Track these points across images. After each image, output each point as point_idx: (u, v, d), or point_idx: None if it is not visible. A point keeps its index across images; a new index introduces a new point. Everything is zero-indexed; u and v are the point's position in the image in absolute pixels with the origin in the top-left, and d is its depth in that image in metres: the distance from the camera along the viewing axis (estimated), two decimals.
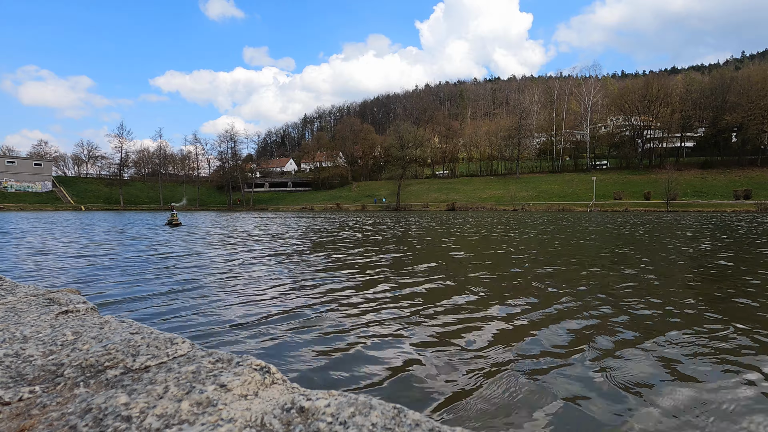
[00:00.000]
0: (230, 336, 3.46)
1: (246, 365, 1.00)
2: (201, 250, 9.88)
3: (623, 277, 6.05)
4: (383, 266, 7.23)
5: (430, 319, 3.94)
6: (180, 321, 3.91)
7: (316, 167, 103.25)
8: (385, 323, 3.84)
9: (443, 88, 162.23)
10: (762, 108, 58.12)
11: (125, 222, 26.03)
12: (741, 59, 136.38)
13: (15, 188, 76.25)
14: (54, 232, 16.61)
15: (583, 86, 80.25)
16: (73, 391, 0.93)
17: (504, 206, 59.90)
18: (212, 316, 4.01)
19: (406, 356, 3.00)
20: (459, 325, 3.80)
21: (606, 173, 70.26)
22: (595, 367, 2.75)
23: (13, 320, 1.46)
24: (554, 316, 3.99)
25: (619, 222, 23.98)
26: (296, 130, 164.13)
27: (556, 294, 4.86)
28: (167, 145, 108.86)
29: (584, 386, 2.49)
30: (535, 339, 3.34)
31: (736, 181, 56.03)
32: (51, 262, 7.71)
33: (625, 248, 10.07)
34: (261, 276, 6.38)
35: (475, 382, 2.56)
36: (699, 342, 3.22)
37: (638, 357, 2.94)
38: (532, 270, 6.84)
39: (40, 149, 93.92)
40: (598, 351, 3.06)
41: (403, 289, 5.32)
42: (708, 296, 4.82)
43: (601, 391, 2.43)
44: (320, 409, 0.78)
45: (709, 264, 7.36)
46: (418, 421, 0.73)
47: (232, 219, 32.94)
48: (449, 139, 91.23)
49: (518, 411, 2.23)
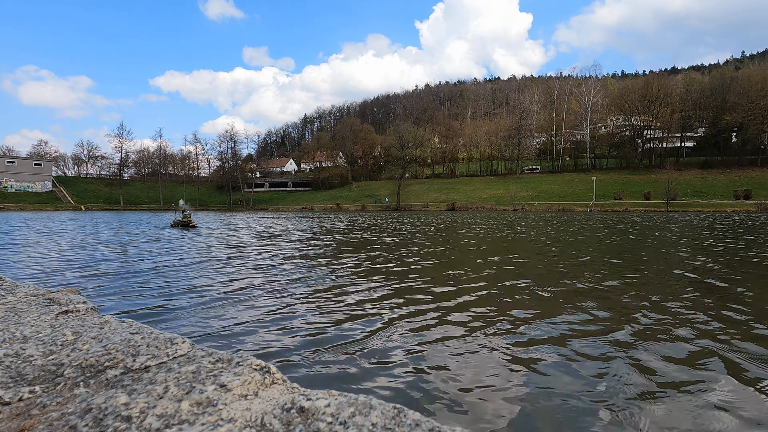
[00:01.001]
0: (251, 336, 3.44)
1: (246, 365, 1.00)
2: (226, 254, 9.86)
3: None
4: (421, 274, 7.01)
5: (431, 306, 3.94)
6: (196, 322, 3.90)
7: (316, 167, 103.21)
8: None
9: (443, 88, 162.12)
10: (762, 108, 58.08)
11: (132, 222, 25.97)
12: (741, 59, 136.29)
13: (15, 188, 76.22)
14: (65, 233, 16.57)
15: (583, 86, 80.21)
16: (73, 391, 0.93)
17: (504, 206, 59.91)
18: (225, 318, 3.99)
19: (416, 357, 3.00)
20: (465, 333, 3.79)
21: (606, 173, 70.23)
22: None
23: (13, 320, 1.46)
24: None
25: (657, 223, 23.95)
26: (296, 130, 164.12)
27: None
28: (167, 145, 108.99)
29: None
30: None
31: (736, 181, 55.99)
32: (79, 271, 6.88)
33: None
34: (282, 279, 6.38)
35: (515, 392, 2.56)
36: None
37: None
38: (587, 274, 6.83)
39: (40, 149, 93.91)
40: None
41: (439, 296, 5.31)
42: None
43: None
44: (320, 409, 0.78)
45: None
46: (418, 421, 0.73)
47: (238, 219, 32.90)
48: (449, 139, 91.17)
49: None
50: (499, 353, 3.02)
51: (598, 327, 3.62)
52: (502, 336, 3.41)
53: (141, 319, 3.54)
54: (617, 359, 2.89)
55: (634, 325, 3.67)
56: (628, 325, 3.64)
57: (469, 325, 3.71)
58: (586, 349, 3.08)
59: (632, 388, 2.46)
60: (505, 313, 4.07)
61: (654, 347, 3.11)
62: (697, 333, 3.43)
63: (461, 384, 2.53)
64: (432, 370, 2.72)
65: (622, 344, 3.19)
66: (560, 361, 2.87)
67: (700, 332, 3.44)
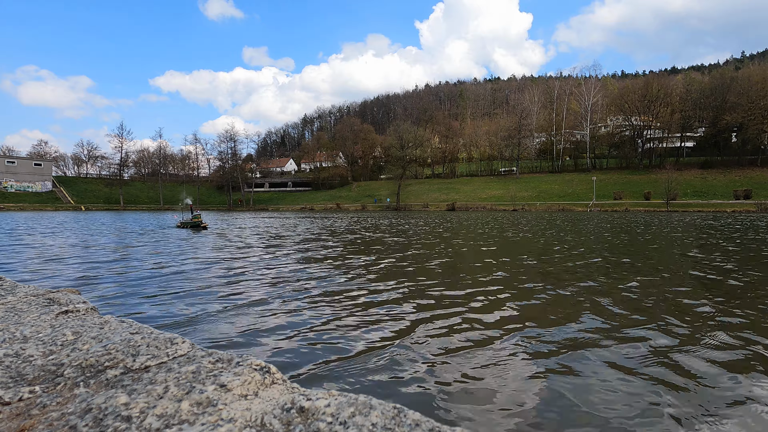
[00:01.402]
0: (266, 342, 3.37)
1: (246, 365, 1.00)
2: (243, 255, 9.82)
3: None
4: (436, 278, 6.81)
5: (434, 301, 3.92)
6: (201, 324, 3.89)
7: (316, 167, 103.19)
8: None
9: (443, 88, 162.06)
10: (762, 108, 58.07)
11: (137, 221, 25.92)
12: (741, 59, 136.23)
13: (15, 188, 76.21)
14: (70, 233, 16.54)
15: (583, 86, 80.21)
16: (73, 391, 0.93)
17: (504, 206, 59.92)
18: (230, 322, 3.93)
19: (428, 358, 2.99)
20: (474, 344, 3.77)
21: (606, 173, 70.22)
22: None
23: (13, 320, 1.46)
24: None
25: (669, 222, 23.92)
26: (296, 130, 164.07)
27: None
28: (167, 145, 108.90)
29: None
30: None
31: (736, 181, 55.98)
32: (102, 280, 6.25)
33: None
34: (296, 281, 6.37)
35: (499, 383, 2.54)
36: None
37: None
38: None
39: (40, 149, 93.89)
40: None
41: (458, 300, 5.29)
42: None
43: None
44: (320, 409, 0.78)
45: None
46: (418, 421, 0.73)
47: (241, 219, 32.86)
48: (449, 139, 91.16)
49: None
50: (519, 357, 2.95)
51: (623, 332, 3.49)
52: (522, 338, 3.33)
53: (165, 328, 3.50)
54: (654, 365, 2.75)
55: (663, 327, 3.55)
56: (657, 330, 3.50)
57: (488, 329, 3.60)
58: (616, 357, 2.92)
59: (675, 399, 2.32)
60: (526, 316, 3.95)
61: (694, 350, 3.01)
62: (734, 336, 3.31)
63: (478, 391, 2.46)
64: (445, 375, 2.66)
65: (658, 350, 3.04)
66: (589, 367, 2.75)
67: (736, 336, 3.33)
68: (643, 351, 3.05)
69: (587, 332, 3.48)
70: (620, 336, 3.39)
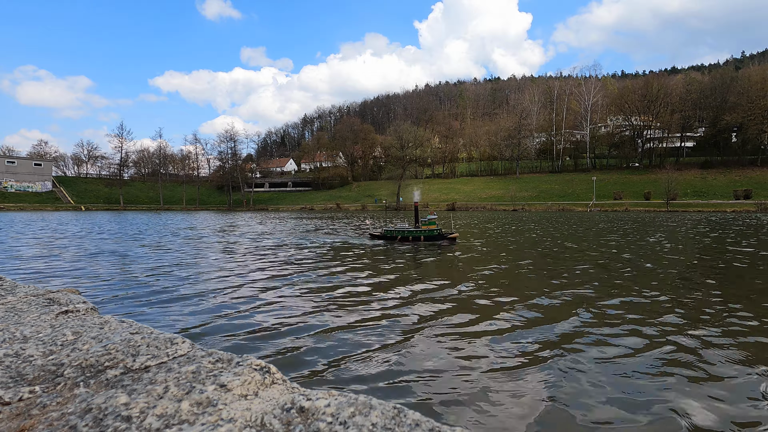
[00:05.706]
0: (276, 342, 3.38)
1: (246, 365, 1.00)
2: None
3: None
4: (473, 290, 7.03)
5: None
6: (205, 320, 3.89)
7: (316, 167, 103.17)
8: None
9: (443, 88, 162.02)
10: (762, 108, 58.08)
11: (170, 222, 25.79)
12: (741, 59, 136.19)
13: (15, 188, 76.19)
14: (78, 235, 16.52)
15: (583, 86, 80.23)
16: (73, 391, 0.93)
17: (504, 206, 59.89)
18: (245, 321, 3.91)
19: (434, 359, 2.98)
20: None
21: (606, 173, 70.21)
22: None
23: (13, 320, 1.46)
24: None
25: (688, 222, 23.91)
26: (296, 130, 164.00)
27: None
28: (167, 145, 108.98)
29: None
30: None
31: (736, 181, 55.98)
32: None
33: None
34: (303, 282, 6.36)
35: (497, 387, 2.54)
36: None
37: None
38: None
39: (40, 149, 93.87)
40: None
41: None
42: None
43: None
44: (320, 409, 0.78)
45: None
46: (418, 421, 0.73)
47: (244, 219, 32.86)
48: (449, 139, 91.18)
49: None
50: (519, 357, 2.98)
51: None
52: (522, 339, 3.35)
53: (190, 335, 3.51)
54: (656, 366, 2.76)
55: (663, 327, 3.53)
56: (657, 330, 3.48)
57: (488, 329, 3.63)
58: (616, 356, 2.96)
59: (677, 395, 2.32)
60: (526, 317, 3.97)
61: (694, 351, 3.00)
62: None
63: (478, 391, 2.46)
64: (445, 375, 2.67)
65: (661, 351, 3.04)
66: (589, 367, 2.78)
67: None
68: (644, 351, 3.04)
69: (587, 332, 3.49)
70: (620, 336, 3.39)
